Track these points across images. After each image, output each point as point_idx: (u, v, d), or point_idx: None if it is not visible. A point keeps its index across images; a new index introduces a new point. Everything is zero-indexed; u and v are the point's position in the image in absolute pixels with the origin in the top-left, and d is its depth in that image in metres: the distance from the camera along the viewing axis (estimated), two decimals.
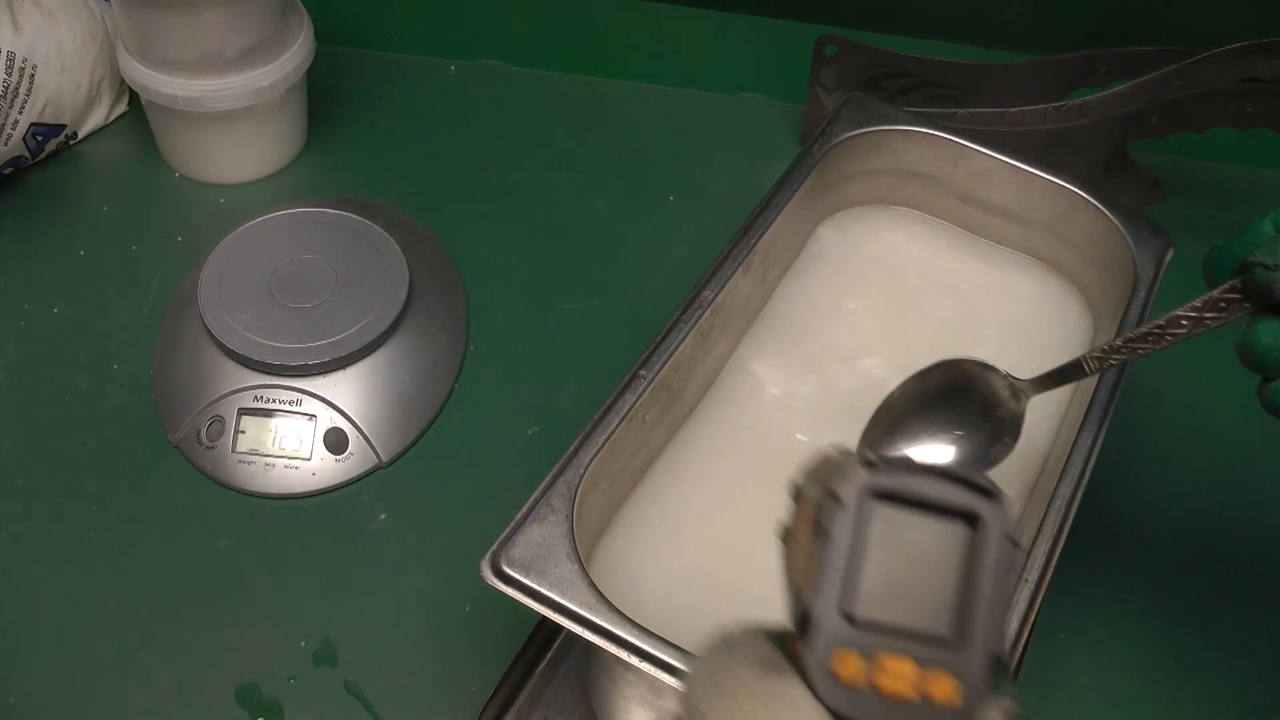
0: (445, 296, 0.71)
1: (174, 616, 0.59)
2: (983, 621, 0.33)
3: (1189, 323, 0.46)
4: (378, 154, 0.82)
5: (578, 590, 0.45)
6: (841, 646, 0.33)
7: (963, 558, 0.34)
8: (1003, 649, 0.33)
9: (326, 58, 0.80)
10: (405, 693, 0.58)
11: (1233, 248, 0.45)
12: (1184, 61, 0.73)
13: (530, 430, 0.67)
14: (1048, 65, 0.80)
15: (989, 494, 0.35)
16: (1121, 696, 0.59)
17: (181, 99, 0.72)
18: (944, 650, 0.33)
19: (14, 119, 0.74)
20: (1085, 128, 0.74)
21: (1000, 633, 0.33)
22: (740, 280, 0.58)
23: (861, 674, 0.33)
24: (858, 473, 0.35)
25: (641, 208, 0.80)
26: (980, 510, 0.34)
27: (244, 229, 0.70)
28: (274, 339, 0.65)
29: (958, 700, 0.33)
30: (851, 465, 0.35)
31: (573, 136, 0.84)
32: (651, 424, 0.55)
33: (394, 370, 0.67)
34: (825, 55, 0.79)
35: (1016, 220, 0.64)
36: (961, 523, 0.35)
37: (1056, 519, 0.49)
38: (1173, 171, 0.81)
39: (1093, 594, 0.62)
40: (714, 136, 0.85)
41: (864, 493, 0.35)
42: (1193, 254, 0.58)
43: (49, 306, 0.72)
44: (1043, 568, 0.47)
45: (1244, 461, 0.69)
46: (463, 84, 0.87)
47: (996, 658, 0.33)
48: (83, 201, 0.78)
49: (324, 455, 0.64)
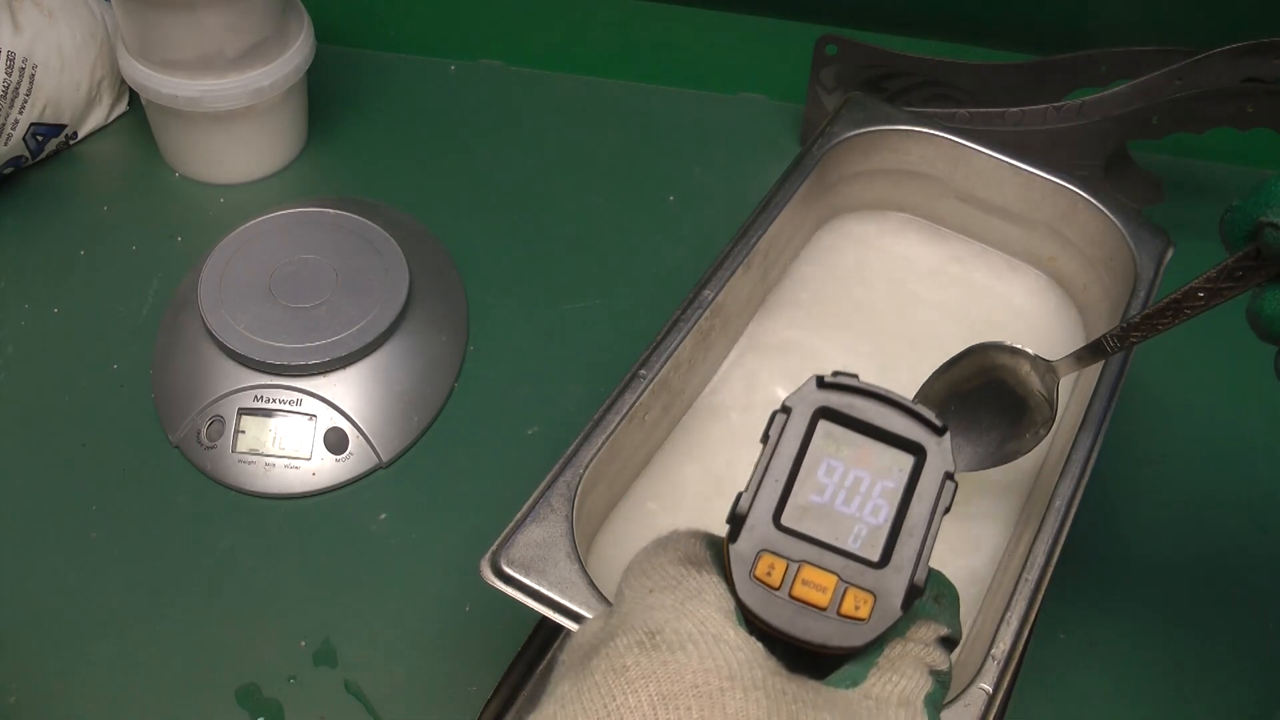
0: (445, 296, 0.71)
1: (174, 616, 0.59)
2: (910, 551, 0.34)
3: (1206, 294, 0.45)
4: (378, 154, 0.82)
5: (578, 590, 0.45)
6: (769, 552, 0.34)
7: (900, 486, 0.35)
8: (923, 579, 0.34)
9: (326, 58, 0.80)
10: (405, 693, 0.58)
11: (1248, 208, 0.42)
12: (1184, 61, 0.73)
13: (530, 430, 0.67)
14: (1048, 65, 0.80)
15: (935, 429, 0.35)
16: (1121, 696, 0.59)
17: (181, 99, 0.72)
18: (869, 571, 0.34)
19: (14, 119, 0.74)
20: (1085, 128, 0.74)
21: (924, 563, 0.34)
22: (740, 280, 0.58)
23: (781, 579, 0.34)
24: (810, 388, 0.36)
25: (641, 208, 0.80)
26: (925, 443, 0.35)
27: (244, 229, 0.70)
28: (274, 339, 0.65)
29: (865, 616, 0.34)
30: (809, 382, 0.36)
31: (573, 136, 0.84)
32: (652, 423, 0.55)
33: (394, 370, 0.67)
34: (825, 55, 0.79)
35: (1016, 220, 0.64)
36: (905, 452, 0.35)
37: (1056, 519, 0.49)
38: (1173, 171, 0.81)
39: (1093, 594, 0.62)
40: (714, 136, 0.85)
41: (812, 408, 0.36)
42: (1193, 254, 0.58)
43: (49, 306, 0.72)
44: (1043, 568, 0.47)
45: (1244, 462, 0.69)
46: (463, 84, 0.87)
47: (916, 586, 0.34)
48: (83, 201, 0.77)
49: (324, 455, 0.64)
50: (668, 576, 0.35)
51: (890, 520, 0.35)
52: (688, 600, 0.34)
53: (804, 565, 0.34)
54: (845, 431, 0.36)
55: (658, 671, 0.31)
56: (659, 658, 0.32)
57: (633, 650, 0.32)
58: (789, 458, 0.35)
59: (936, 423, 0.35)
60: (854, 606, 0.33)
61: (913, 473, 0.35)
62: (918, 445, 0.35)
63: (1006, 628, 0.45)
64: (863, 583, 0.34)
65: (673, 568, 0.35)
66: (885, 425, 0.35)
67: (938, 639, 0.36)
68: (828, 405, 0.36)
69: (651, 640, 0.32)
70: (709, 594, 0.34)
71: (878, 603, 0.34)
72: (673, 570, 0.35)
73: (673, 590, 0.34)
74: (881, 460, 0.35)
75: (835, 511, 0.35)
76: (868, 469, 0.35)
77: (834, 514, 0.35)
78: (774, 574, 0.34)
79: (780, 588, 0.34)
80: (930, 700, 0.34)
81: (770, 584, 0.34)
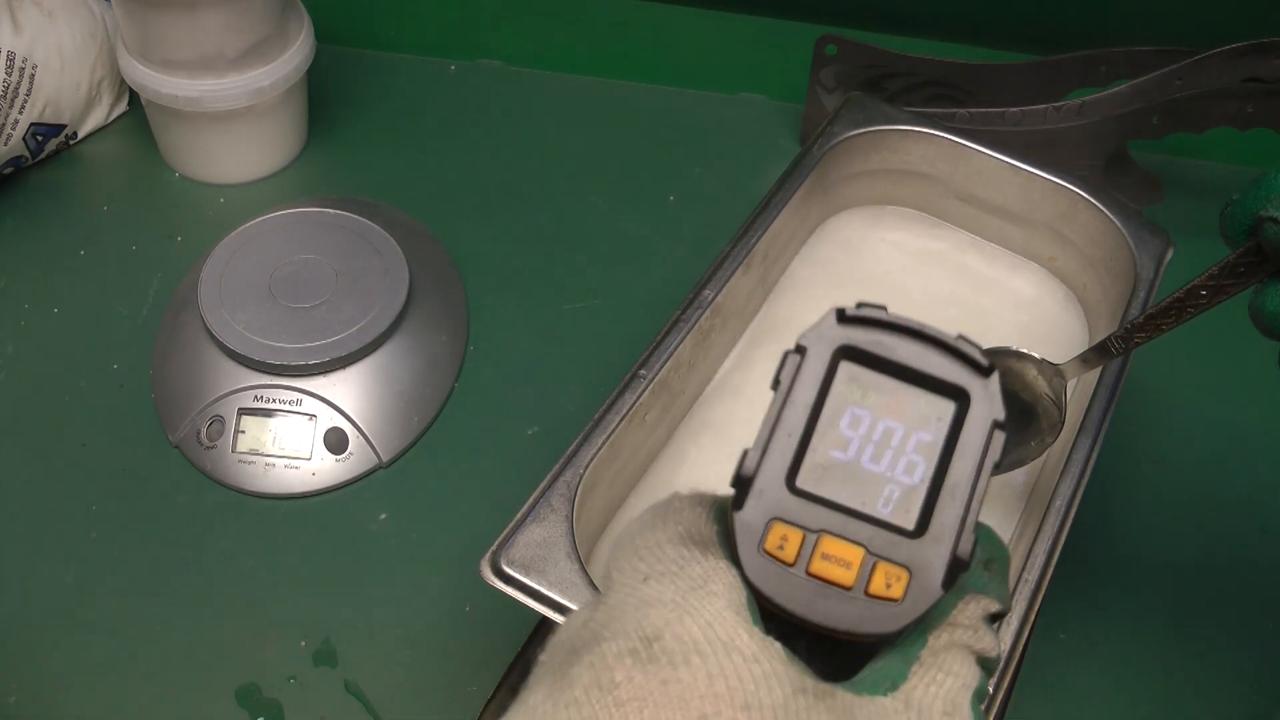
0: (445, 296, 0.71)
1: (174, 616, 0.59)
2: (952, 516, 0.28)
3: (1209, 292, 0.44)
4: (378, 154, 0.82)
5: (578, 590, 0.45)
6: (782, 521, 0.29)
7: (939, 439, 0.29)
8: (969, 550, 0.28)
9: (326, 58, 0.80)
10: (405, 693, 0.58)
11: (1247, 203, 0.41)
12: (1184, 61, 0.73)
13: (530, 430, 0.67)
14: (1048, 65, 0.80)
15: (981, 368, 0.29)
16: (1121, 696, 0.59)
17: (181, 99, 0.72)
18: (902, 542, 0.28)
19: (14, 119, 0.74)
20: (1085, 128, 0.74)
21: (969, 530, 0.28)
22: (740, 280, 0.58)
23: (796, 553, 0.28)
24: (829, 323, 0.30)
25: (641, 208, 0.80)
26: (969, 386, 0.29)
27: (244, 229, 0.70)
28: (274, 339, 0.65)
29: (899, 595, 0.28)
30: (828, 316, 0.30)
31: (573, 136, 0.84)
32: (652, 424, 0.55)
33: (394, 370, 0.67)
34: (825, 55, 0.79)
35: (1016, 220, 0.64)
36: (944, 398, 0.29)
37: (1057, 519, 0.49)
38: (1173, 171, 0.81)
39: (1093, 594, 0.62)
40: (714, 136, 0.85)
41: (832, 347, 0.30)
42: (1193, 254, 0.58)
43: (49, 306, 0.72)
44: (1043, 568, 0.47)
45: (1243, 462, 0.69)
46: (463, 84, 0.87)
47: (960, 559, 0.28)
48: (83, 201, 0.77)
49: (324, 455, 0.64)
50: (666, 559, 0.29)
51: (928, 480, 0.29)
52: (691, 593, 0.28)
53: (824, 536, 0.28)
54: (873, 375, 0.30)
55: (654, 693, 0.26)
56: (656, 674, 0.27)
57: (624, 661, 0.27)
58: (805, 407, 0.30)
59: (983, 361, 0.29)
60: (885, 585, 0.28)
61: (954, 422, 0.29)
62: (960, 389, 0.29)
63: (1006, 628, 0.45)
64: (895, 556, 0.28)
65: (672, 548, 0.30)
66: (921, 366, 0.29)
67: (986, 616, 0.30)
68: (851, 343, 0.30)
69: (648, 649, 0.27)
70: (717, 584, 0.29)
71: (914, 579, 0.28)
72: (672, 551, 0.30)
73: (673, 579, 0.29)
74: (917, 408, 0.29)
75: (862, 470, 0.29)
76: (901, 419, 0.29)
77: (860, 473, 0.29)
78: (787, 547, 0.28)
79: (796, 563, 0.28)
80: (976, 696, 0.29)
81: (784, 559, 0.28)
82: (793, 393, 0.30)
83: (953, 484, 0.28)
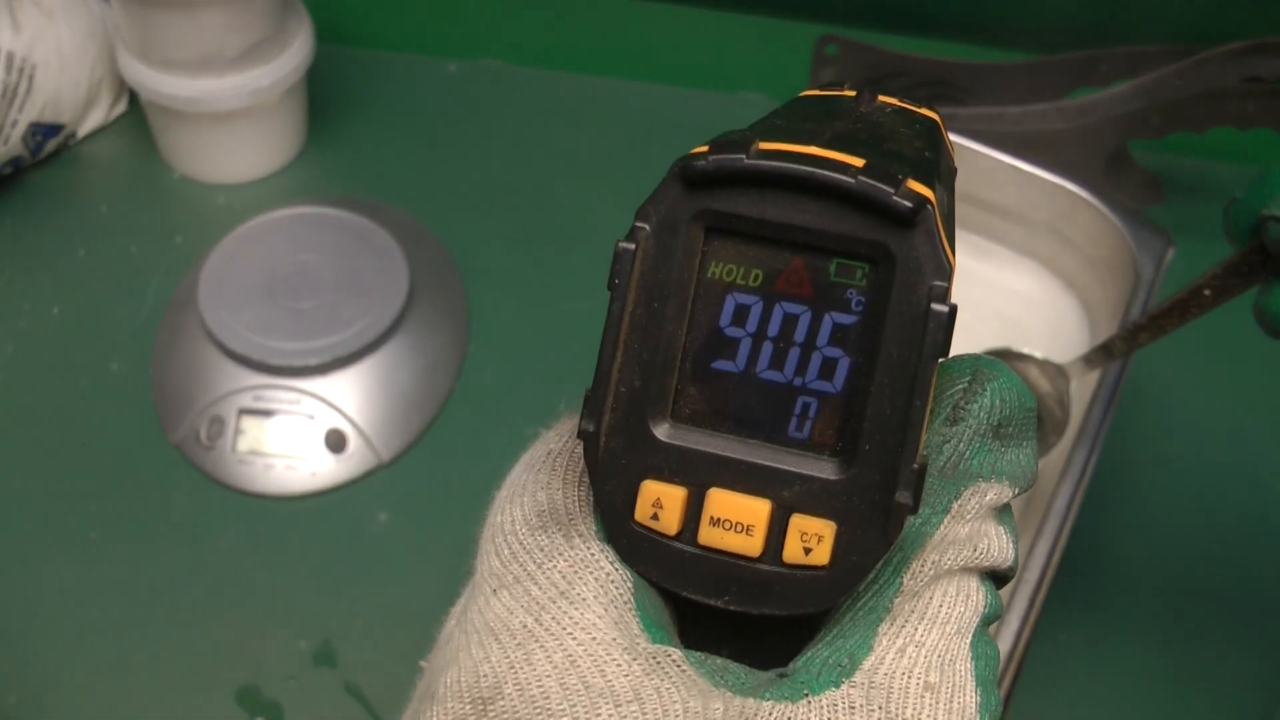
0: (445, 296, 0.71)
1: (174, 616, 0.59)
2: (885, 433, 0.20)
3: (1213, 291, 0.43)
4: (378, 154, 0.81)
5: None
6: (656, 479, 0.21)
7: (858, 325, 0.20)
8: (915, 480, 0.19)
9: (326, 58, 0.80)
10: (405, 693, 0.57)
11: (1250, 201, 0.40)
12: (1184, 61, 0.73)
13: (530, 430, 0.67)
14: (1048, 65, 0.80)
15: (900, 212, 0.20)
16: (1122, 697, 0.59)
17: (181, 99, 0.72)
18: (823, 482, 0.20)
19: (13, 119, 0.74)
20: (1085, 128, 0.74)
21: (916, 452, 0.19)
22: None
23: (680, 520, 0.21)
24: (672, 189, 0.22)
25: None
26: (887, 241, 0.20)
27: (244, 229, 0.70)
28: (274, 339, 0.65)
29: (824, 560, 0.20)
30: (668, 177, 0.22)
31: (573, 136, 0.84)
32: None
33: (394, 370, 0.67)
34: (825, 55, 0.79)
35: (1016, 220, 0.64)
36: (858, 262, 0.21)
37: (1057, 520, 0.49)
38: (1173, 171, 0.81)
39: (1093, 594, 0.62)
40: (714, 136, 0.85)
41: (685, 219, 0.22)
42: (1193, 254, 0.58)
43: (49, 306, 0.71)
44: (1043, 568, 0.47)
45: (1243, 462, 0.69)
46: (463, 84, 0.87)
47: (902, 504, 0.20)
48: (82, 201, 0.77)
49: (324, 455, 0.64)
50: (522, 554, 0.22)
51: (847, 388, 0.20)
52: (550, 606, 0.21)
53: (712, 490, 0.20)
54: (753, 247, 0.21)
55: None
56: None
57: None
58: (661, 309, 0.21)
59: (901, 203, 0.20)
60: (803, 549, 0.20)
61: (875, 293, 0.21)
62: (878, 244, 0.20)
63: (1006, 628, 0.45)
64: (814, 505, 0.20)
65: (530, 535, 0.22)
66: (817, 224, 0.21)
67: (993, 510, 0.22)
68: (713, 208, 0.22)
69: (482, 715, 0.20)
70: (585, 584, 0.21)
71: (842, 535, 0.20)
72: (529, 540, 0.22)
73: (527, 587, 0.22)
74: (823, 280, 0.21)
75: (759, 382, 0.21)
76: (804, 299, 0.21)
77: (756, 387, 0.21)
78: (664, 514, 0.21)
79: (680, 534, 0.21)
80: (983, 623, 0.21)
81: (663, 531, 0.21)
82: (642, 295, 0.22)
83: (884, 387, 0.20)
